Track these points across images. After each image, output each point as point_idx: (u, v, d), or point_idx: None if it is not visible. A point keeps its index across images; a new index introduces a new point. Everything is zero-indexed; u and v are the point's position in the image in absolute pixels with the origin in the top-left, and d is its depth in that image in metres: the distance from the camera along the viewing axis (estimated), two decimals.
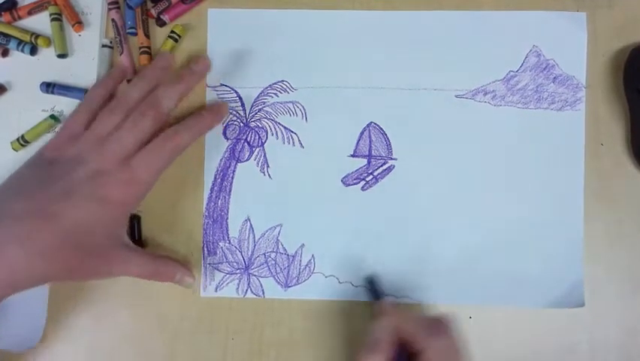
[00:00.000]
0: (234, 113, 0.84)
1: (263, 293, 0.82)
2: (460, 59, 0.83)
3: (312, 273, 0.82)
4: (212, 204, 0.83)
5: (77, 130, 0.75)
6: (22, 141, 0.83)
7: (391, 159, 0.82)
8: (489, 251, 0.81)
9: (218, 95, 0.84)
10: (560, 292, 0.80)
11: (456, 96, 0.82)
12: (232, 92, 0.84)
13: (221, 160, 0.83)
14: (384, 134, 0.83)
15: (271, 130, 0.83)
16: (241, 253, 0.82)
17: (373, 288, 0.80)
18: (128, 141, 0.73)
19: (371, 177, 0.82)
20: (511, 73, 0.82)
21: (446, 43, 0.83)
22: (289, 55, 0.84)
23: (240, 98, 0.84)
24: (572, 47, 0.83)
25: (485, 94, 0.82)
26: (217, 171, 0.83)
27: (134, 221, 0.82)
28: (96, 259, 0.71)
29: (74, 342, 0.82)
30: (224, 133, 0.83)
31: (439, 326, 0.70)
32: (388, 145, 0.82)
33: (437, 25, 0.83)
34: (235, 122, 0.84)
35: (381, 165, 0.82)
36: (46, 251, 0.67)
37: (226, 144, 0.83)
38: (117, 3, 0.84)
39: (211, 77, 0.84)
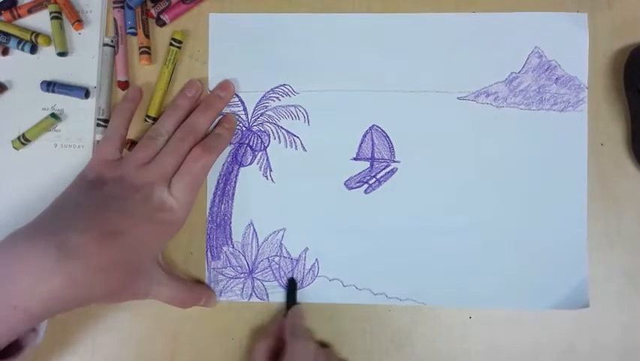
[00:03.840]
0: (237, 117, 0.84)
1: (267, 297, 0.82)
2: (461, 60, 0.83)
3: (316, 276, 0.82)
4: (216, 208, 0.83)
5: (113, 154, 0.78)
6: (23, 140, 0.83)
7: (394, 161, 0.82)
8: (492, 253, 0.81)
9: None
10: (563, 294, 0.80)
11: (458, 98, 0.82)
12: (234, 96, 0.84)
13: (223, 164, 0.83)
14: (386, 137, 0.83)
15: (273, 134, 0.83)
16: (245, 257, 0.83)
17: (291, 292, 0.82)
18: (169, 163, 0.76)
19: (374, 180, 0.82)
20: (513, 74, 0.82)
21: (447, 46, 0.83)
22: (291, 58, 0.84)
23: (242, 103, 0.84)
24: (574, 47, 0.83)
25: (487, 95, 0.82)
26: (220, 175, 0.83)
27: None
28: (142, 278, 0.73)
29: (75, 342, 0.83)
30: None
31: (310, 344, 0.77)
32: (391, 148, 0.82)
33: (438, 27, 0.83)
34: (238, 127, 0.84)
35: (384, 168, 0.82)
36: (104, 268, 0.67)
37: (228, 148, 0.84)
38: (122, 2, 0.84)
39: (213, 81, 0.84)
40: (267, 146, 0.83)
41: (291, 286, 0.82)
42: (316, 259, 0.82)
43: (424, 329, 0.81)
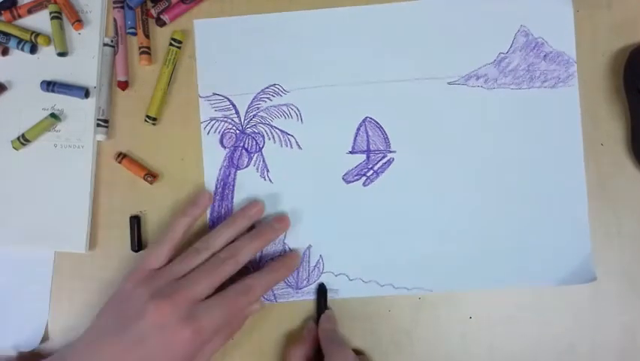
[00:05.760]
0: (229, 121, 0.84)
1: (275, 298, 0.83)
2: (448, 45, 0.83)
3: (322, 273, 0.82)
4: (216, 214, 0.83)
5: (159, 263, 0.77)
6: (23, 140, 0.83)
7: (390, 151, 0.83)
8: (495, 235, 0.82)
9: (211, 105, 0.84)
10: (570, 269, 0.81)
11: (448, 83, 0.83)
12: (225, 100, 0.84)
13: (220, 169, 0.83)
14: (380, 127, 0.83)
15: (268, 135, 0.83)
16: (249, 261, 0.82)
17: (322, 298, 0.82)
18: (202, 285, 0.74)
19: (371, 172, 0.82)
20: (502, 55, 0.83)
21: (433, 32, 0.83)
22: (278, 58, 0.84)
23: (234, 106, 0.84)
24: (560, 23, 0.83)
25: (477, 78, 0.83)
26: (217, 180, 0.83)
27: (134, 222, 0.83)
28: None
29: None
30: (221, 142, 0.84)
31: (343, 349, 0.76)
32: (386, 138, 0.83)
33: (422, 14, 0.84)
34: (231, 130, 0.84)
35: (381, 159, 0.82)
36: None
37: (224, 152, 0.84)
38: (122, 2, 0.84)
39: (203, 87, 0.85)
40: (262, 147, 0.83)
41: (321, 292, 0.82)
42: (320, 256, 0.83)
43: (424, 329, 0.81)
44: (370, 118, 0.83)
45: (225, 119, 0.84)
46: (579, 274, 0.80)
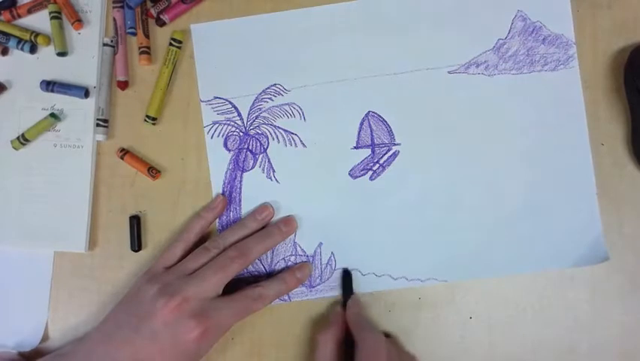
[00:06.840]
0: (232, 123, 0.84)
1: (289, 297, 0.83)
2: (447, 34, 0.83)
3: (335, 269, 0.82)
4: (224, 217, 0.83)
5: (172, 262, 0.79)
6: (23, 140, 0.83)
7: (395, 144, 0.83)
8: (506, 220, 0.82)
9: (213, 108, 0.84)
10: (582, 250, 0.81)
11: (449, 72, 0.83)
12: (227, 103, 0.84)
13: (226, 172, 0.83)
14: (383, 121, 0.83)
15: (271, 135, 0.83)
16: (260, 261, 0.83)
17: (347, 283, 0.82)
18: (211, 281, 0.75)
19: (377, 165, 0.82)
20: (501, 41, 0.83)
21: (431, 21, 0.83)
22: (277, 58, 0.84)
23: (236, 108, 0.84)
24: (556, 5, 0.83)
25: (478, 66, 0.83)
26: (224, 184, 0.83)
27: (134, 222, 0.83)
28: None
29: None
30: (225, 145, 0.84)
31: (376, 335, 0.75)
32: (390, 131, 0.83)
33: (419, 4, 0.83)
34: (234, 133, 0.84)
35: (386, 152, 0.82)
36: None
37: (229, 155, 0.83)
38: (122, 2, 0.84)
39: (203, 91, 0.84)
40: (267, 148, 0.83)
41: (347, 277, 0.82)
42: (332, 253, 0.83)
43: (424, 329, 0.81)
44: (373, 112, 0.83)
45: (228, 122, 0.84)
46: (591, 255, 0.80)
